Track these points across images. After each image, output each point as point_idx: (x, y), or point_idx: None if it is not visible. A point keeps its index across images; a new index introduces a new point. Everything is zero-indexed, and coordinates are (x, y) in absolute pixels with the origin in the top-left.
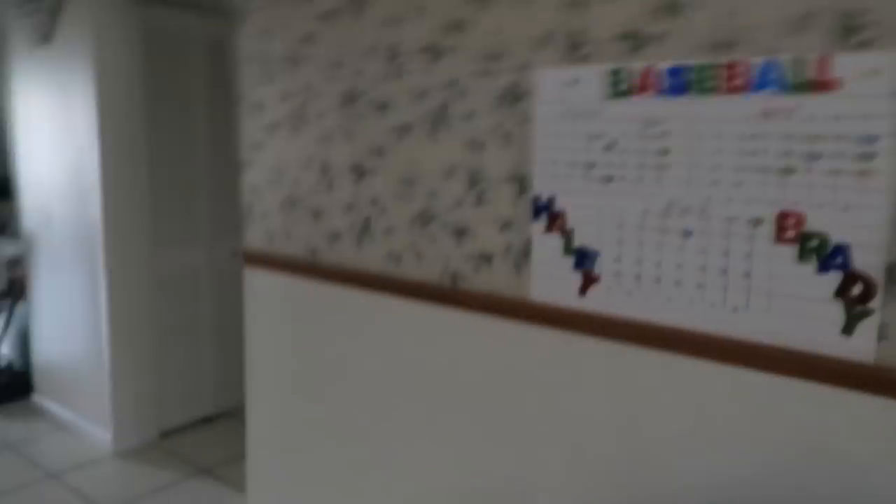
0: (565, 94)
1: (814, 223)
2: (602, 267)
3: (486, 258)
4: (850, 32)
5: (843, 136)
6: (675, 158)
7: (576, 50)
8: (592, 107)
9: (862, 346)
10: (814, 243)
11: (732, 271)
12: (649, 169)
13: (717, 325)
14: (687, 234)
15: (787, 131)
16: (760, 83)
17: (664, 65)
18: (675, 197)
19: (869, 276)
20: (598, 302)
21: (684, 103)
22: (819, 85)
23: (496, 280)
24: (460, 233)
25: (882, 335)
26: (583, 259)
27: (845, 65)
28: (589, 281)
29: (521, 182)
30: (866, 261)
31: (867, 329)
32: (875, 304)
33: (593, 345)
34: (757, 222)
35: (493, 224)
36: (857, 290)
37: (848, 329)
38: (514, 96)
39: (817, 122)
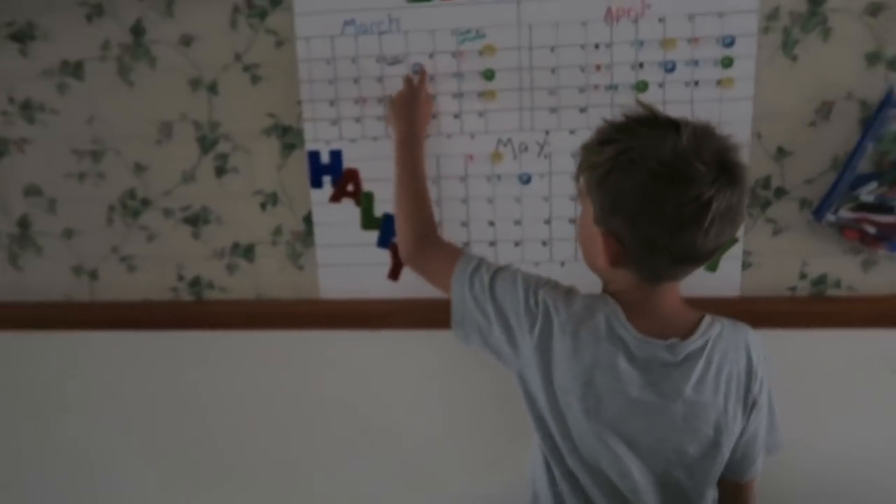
0: None
1: None
2: None
3: (244, 251)
4: None
5: (703, 39)
6: (502, 81)
7: None
8: (383, 16)
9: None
10: None
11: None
12: (470, 99)
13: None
14: (524, 179)
15: (636, 36)
16: None
17: None
18: (506, 133)
19: None
20: (415, 285)
21: (508, 5)
22: None
23: (264, 279)
24: (197, 220)
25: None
26: (390, 231)
27: None
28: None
29: (285, 134)
30: None
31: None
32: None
33: (415, 340)
34: None
35: (250, 201)
36: None
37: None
38: (258, 6)
39: (670, 23)
